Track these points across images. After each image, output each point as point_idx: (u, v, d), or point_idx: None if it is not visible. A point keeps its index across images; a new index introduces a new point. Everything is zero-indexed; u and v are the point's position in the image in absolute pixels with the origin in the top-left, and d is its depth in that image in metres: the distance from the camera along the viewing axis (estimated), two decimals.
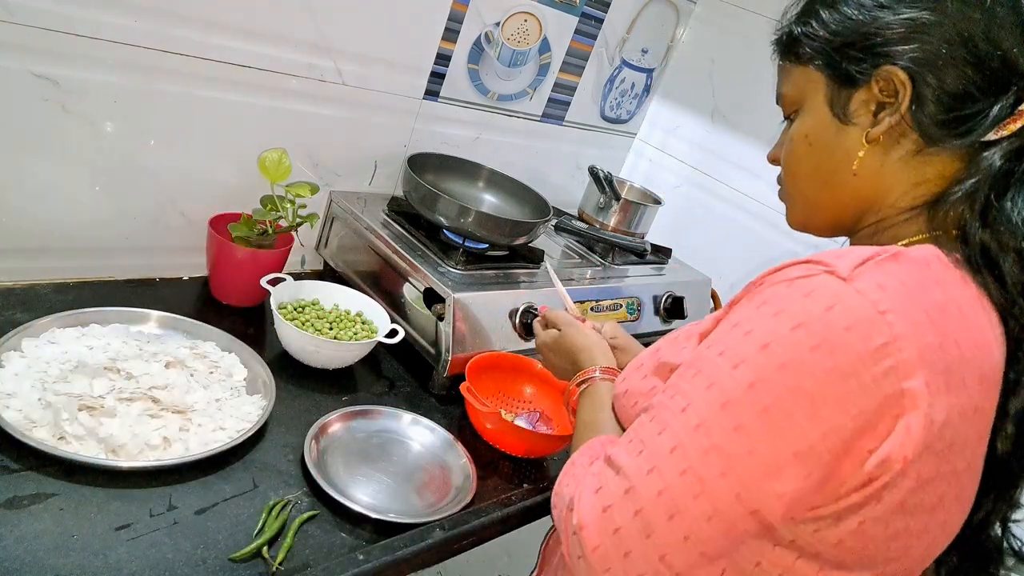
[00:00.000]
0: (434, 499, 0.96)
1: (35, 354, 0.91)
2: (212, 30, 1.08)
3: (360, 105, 1.32)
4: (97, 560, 0.72)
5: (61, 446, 0.81)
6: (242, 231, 1.16)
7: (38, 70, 0.96)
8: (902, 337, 0.53)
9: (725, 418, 0.55)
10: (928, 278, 0.59)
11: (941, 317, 0.56)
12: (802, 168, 0.71)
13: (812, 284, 0.56)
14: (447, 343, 1.13)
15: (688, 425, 0.57)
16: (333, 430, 1.00)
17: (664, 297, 1.52)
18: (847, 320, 0.53)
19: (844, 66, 0.66)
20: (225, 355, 1.05)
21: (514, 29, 1.48)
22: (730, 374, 0.56)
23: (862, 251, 0.59)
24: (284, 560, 0.79)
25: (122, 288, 1.16)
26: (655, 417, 0.60)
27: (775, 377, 0.54)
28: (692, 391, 0.58)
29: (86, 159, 1.06)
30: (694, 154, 1.84)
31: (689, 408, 0.57)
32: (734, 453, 0.54)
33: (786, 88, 0.72)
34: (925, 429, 0.54)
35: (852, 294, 0.54)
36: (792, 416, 0.54)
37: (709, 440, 0.55)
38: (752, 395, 0.55)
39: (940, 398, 0.55)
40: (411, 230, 1.30)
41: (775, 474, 0.54)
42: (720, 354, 0.58)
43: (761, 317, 0.57)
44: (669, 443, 0.57)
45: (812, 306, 0.55)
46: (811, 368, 0.53)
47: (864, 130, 0.65)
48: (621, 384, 0.79)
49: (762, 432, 0.54)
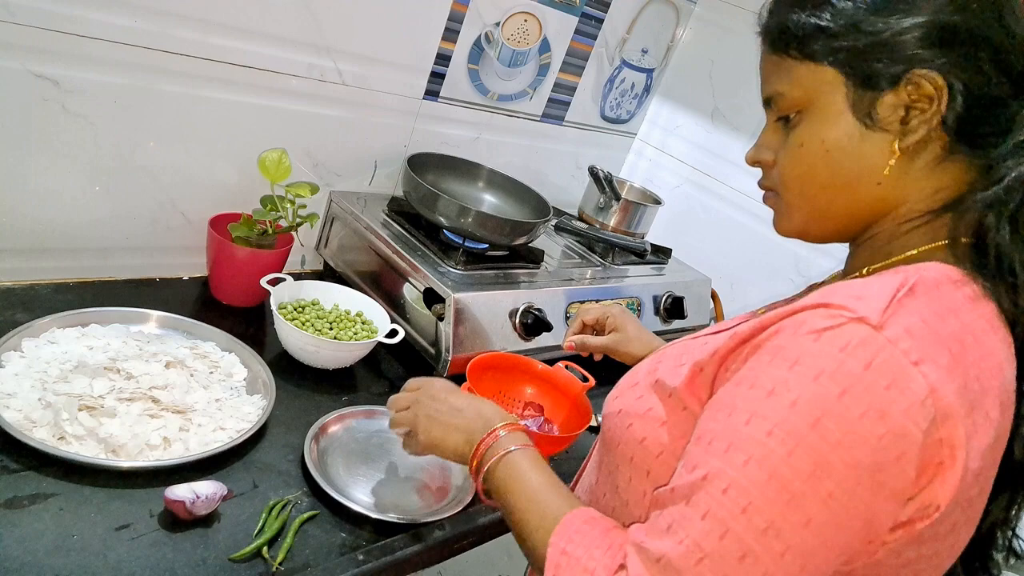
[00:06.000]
0: (434, 499, 0.96)
1: (35, 354, 0.91)
2: (212, 30, 1.08)
3: (360, 105, 1.32)
4: (97, 560, 0.72)
5: (61, 446, 0.81)
6: (242, 231, 1.16)
7: (38, 70, 0.96)
8: (937, 388, 0.52)
9: (793, 514, 0.52)
10: (943, 307, 0.57)
11: (961, 352, 0.55)
12: (817, 176, 0.65)
13: (844, 336, 0.53)
14: (447, 343, 1.13)
15: (755, 528, 0.52)
16: (333, 430, 1.00)
17: (664, 297, 1.52)
18: (887, 378, 0.52)
19: (870, 67, 0.60)
20: (225, 355, 1.05)
21: (514, 29, 1.48)
22: (786, 462, 0.52)
23: (882, 288, 0.56)
24: (284, 560, 0.79)
25: (122, 288, 1.16)
26: (709, 514, 0.54)
27: (833, 458, 0.52)
28: (749, 485, 0.53)
29: (86, 159, 1.06)
30: (694, 154, 1.84)
31: (751, 508, 0.53)
32: (808, 550, 0.52)
33: (785, 86, 0.65)
34: (961, 479, 0.54)
35: (886, 346, 0.52)
36: (855, 493, 0.52)
37: (782, 544, 0.52)
38: (815, 483, 0.52)
39: (972, 441, 0.54)
40: (411, 230, 1.30)
41: (846, 551, 0.54)
42: (768, 434, 0.53)
43: (800, 381, 0.53)
44: (736, 550, 0.52)
45: (851, 364, 0.52)
46: (864, 438, 0.52)
47: (894, 136, 0.61)
48: (614, 402, 0.73)
49: (831, 520, 0.52)
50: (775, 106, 0.68)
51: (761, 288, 1.69)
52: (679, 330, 1.56)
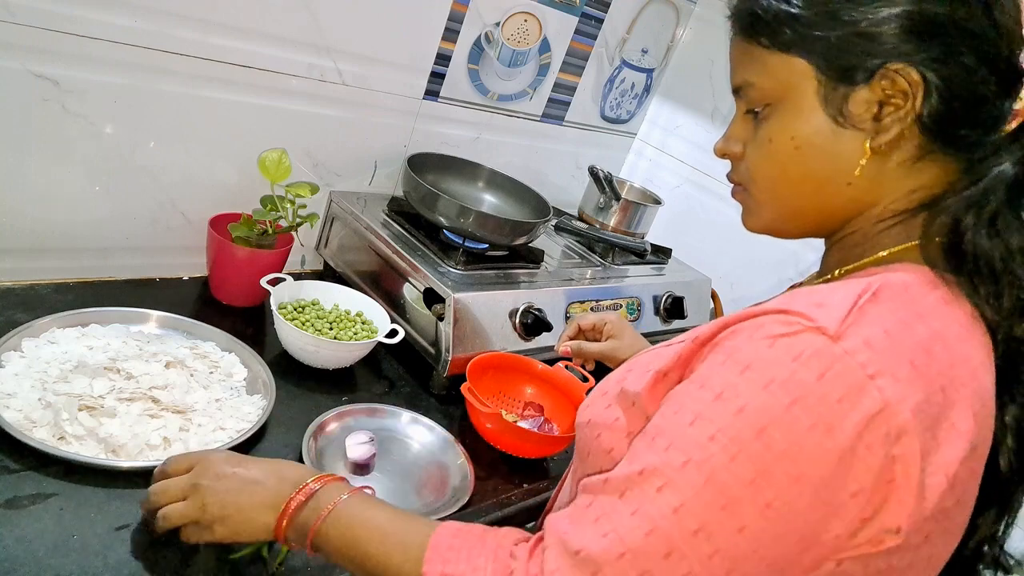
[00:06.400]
0: (432, 499, 0.96)
1: (35, 354, 0.91)
2: (212, 30, 1.08)
3: (360, 105, 1.32)
4: (97, 560, 0.72)
5: (61, 446, 0.81)
6: (242, 231, 1.16)
7: (38, 70, 0.96)
8: (892, 403, 0.50)
9: (728, 520, 0.50)
10: (910, 313, 0.54)
11: (927, 362, 0.53)
12: (785, 174, 0.63)
13: (799, 345, 0.51)
14: (447, 343, 1.13)
15: (686, 529, 0.51)
16: (331, 429, 1.00)
17: (664, 297, 1.52)
18: (840, 391, 0.49)
19: (843, 60, 0.57)
20: (225, 355, 1.05)
21: (514, 29, 1.48)
22: (727, 467, 0.51)
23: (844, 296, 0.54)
24: (284, 560, 0.79)
25: (122, 288, 1.16)
26: (639, 511, 0.53)
27: (776, 468, 0.50)
28: (684, 485, 0.52)
29: (86, 159, 1.06)
30: (694, 154, 1.84)
31: (683, 509, 0.51)
32: (739, 555, 0.51)
33: (755, 76, 0.62)
34: (916, 497, 0.51)
35: (841, 357, 0.50)
36: (795, 506, 0.50)
37: (711, 546, 0.51)
38: (754, 492, 0.50)
39: (932, 456, 0.52)
40: (411, 230, 1.30)
41: (780, 564, 0.52)
42: (711, 438, 0.52)
43: (750, 388, 0.51)
44: (662, 547, 0.51)
45: (804, 374, 0.50)
46: (810, 453, 0.50)
47: (867, 135, 0.58)
48: (584, 411, 0.70)
49: (768, 529, 0.51)
50: (744, 96, 0.65)
51: (761, 288, 1.69)
52: (679, 330, 1.56)
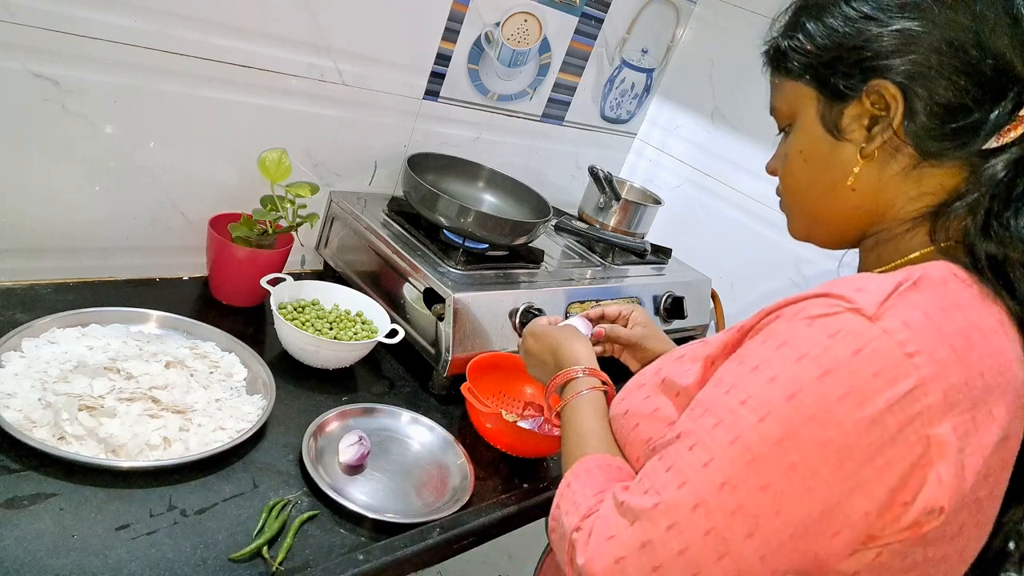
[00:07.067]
0: (432, 499, 0.96)
1: (35, 354, 0.91)
2: (212, 30, 1.08)
3: (360, 105, 1.32)
4: (97, 560, 0.72)
5: (61, 446, 0.81)
6: (242, 231, 1.16)
7: (38, 70, 0.96)
8: (928, 380, 0.52)
9: (752, 476, 0.53)
10: (949, 303, 0.57)
11: (966, 348, 0.55)
12: (799, 183, 0.71)
13: (836, 324, 0.54)
14: (447, 343, 1.13)
15: (712, 483, 0.54)
16: (331, 429, 1.00)
17: (664, 297, 1.52)
18: (875, 366, 0.52)
19: (833, 81, 0.65)
20: (225, 355, 1.05)
21: (514, 29, 1.48)
22: (755, 428, 0.54)
23: (884, 282, 0.57)
24: (284, 560, 0.79)
25: (122, 288, 1.16)
26: (673, 467, 0.57)
27: (803, 431, 0.52)
28: (713, 444, 0.55)
29: (86, 159, 1.06)
30: (694, 154, 1.84)
31: (712, 464, 0.55)
32: (761, 514, 0.53)
33: (778, 102, 0.72)
34: (956, 476, 0.53)
35: (879, 335, 0.53)
36: (819, 473, 0.52)
37: (735, 500, 0.53)
38: (779, 452, 0.53)
39: (970, 439, 0.54)
40: (411, 230, 1.30)
41: (802, 534, 0.53)
42: (742, 403, 0.55)
43: (783, 361, 0.55)
44: (690, 500, 0.54)
45: (839, 350, 0.53)
46: (839, 420, 0.52)
47: (858, 145, 0.64)
48: (620, 403, 0.76)
49: (789, 491, 0.52)
50: (775, 120, 0.74)
51: (761, 288, 1.69)
52: (679, 330, 1.57)
